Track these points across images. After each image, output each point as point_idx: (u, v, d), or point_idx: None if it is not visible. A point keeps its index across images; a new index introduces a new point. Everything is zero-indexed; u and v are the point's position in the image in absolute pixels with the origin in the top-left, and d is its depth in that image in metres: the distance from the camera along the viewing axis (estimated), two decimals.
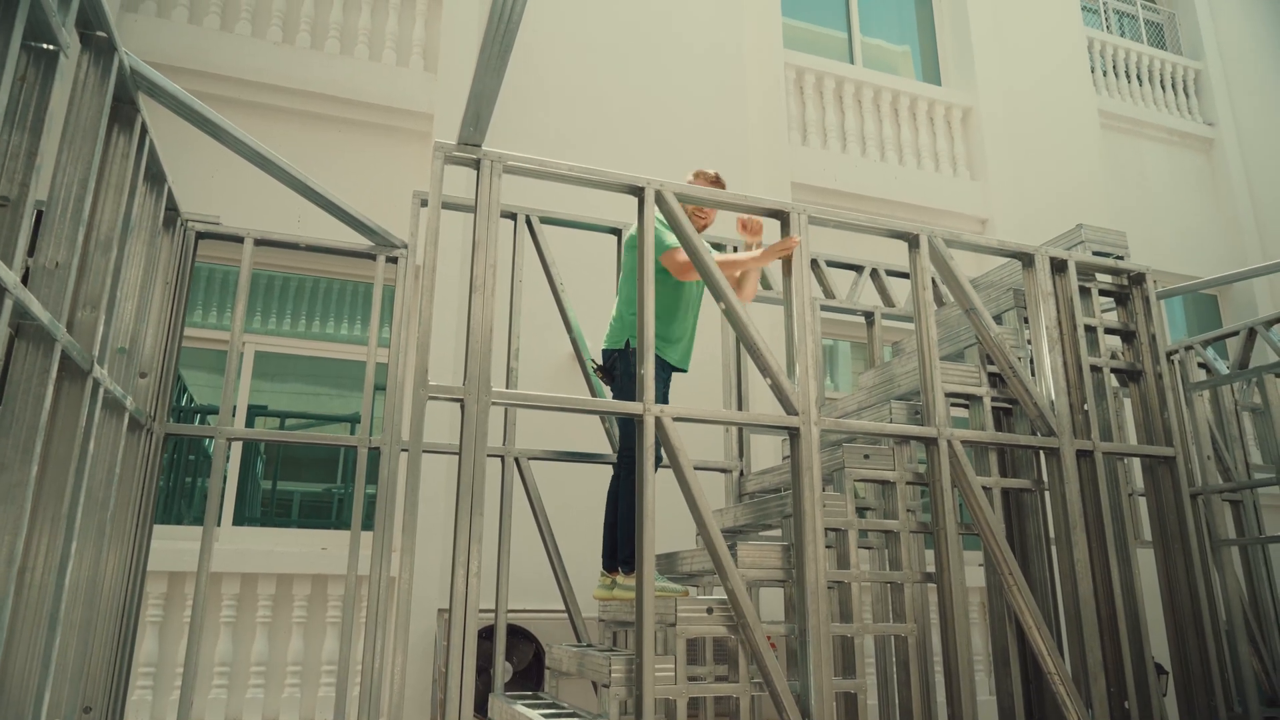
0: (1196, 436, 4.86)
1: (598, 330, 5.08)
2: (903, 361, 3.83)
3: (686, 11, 6.67)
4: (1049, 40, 8.24)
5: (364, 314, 5.60)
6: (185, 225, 3.72)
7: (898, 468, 3.32)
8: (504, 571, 3.73)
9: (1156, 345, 3.90)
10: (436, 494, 4.72)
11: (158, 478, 3.59)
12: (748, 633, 2.79)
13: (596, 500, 4.35)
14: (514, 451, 3.91)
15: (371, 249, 3.99)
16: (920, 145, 7.37)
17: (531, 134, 5.77)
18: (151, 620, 4.46)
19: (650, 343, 2.91)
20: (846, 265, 4.81)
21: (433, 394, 2.68)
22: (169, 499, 5.06)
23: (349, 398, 5.55)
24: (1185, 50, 9.42)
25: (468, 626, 2.56)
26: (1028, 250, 3.71)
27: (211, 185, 5.02)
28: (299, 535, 5.07)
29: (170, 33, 5.27)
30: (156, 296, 3.42)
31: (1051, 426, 3.49)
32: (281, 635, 4.70)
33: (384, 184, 5.49)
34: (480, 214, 2.85)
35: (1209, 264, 8.15)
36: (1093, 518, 3.51)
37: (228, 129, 3.12)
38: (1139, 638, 3.46)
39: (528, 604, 4.71)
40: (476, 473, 2.63)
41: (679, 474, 2.86)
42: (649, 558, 2.74)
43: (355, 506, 3.70)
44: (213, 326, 5.27)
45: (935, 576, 3.21)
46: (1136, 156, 8.54)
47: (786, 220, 3.28)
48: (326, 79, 5.52)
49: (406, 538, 2.61)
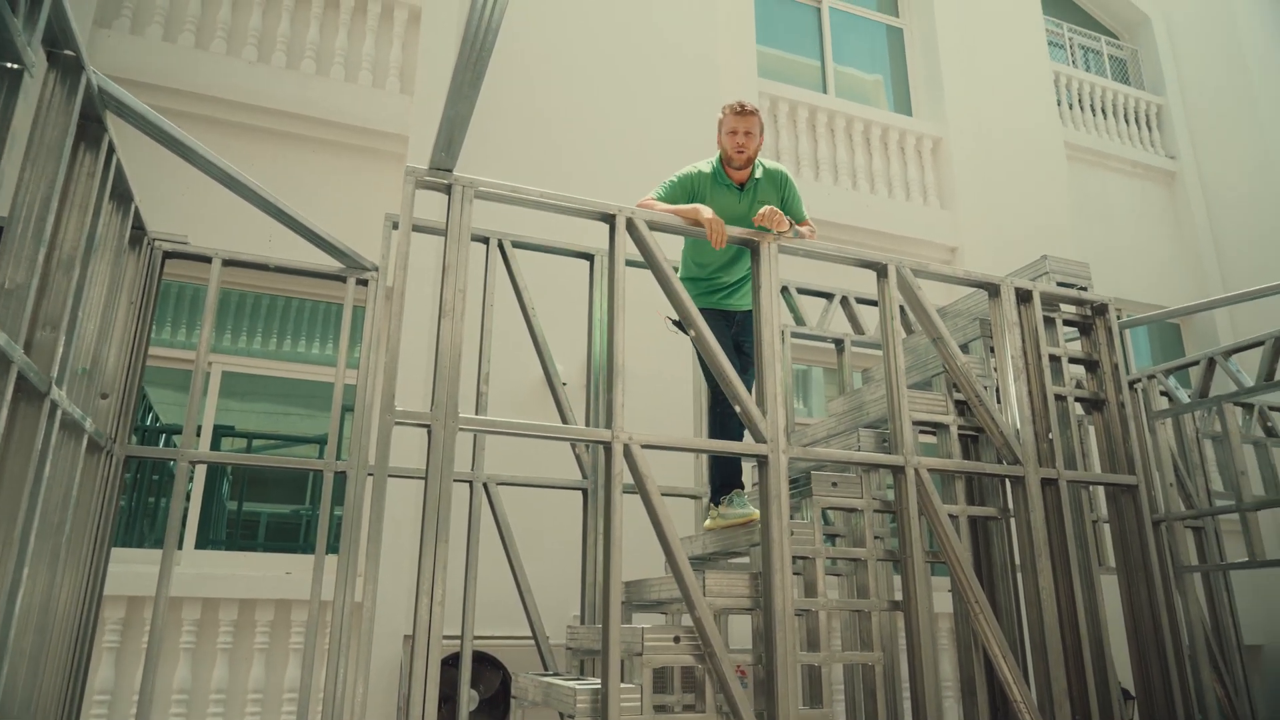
0: (1159, 464, 4.93)
1: (569, 354, 5.08)
2: (872, 389, 3.87)
3: (661, 39, 6.74)
4: (1016, 73, 8.42)
5: (334, 335, 5.55)
6: (152, 244, 3.68)
7: (865, 495, 3.34)
8: (470, 598, 3.70)
9: (1119, 375, 3.97)
10: (403, 519, 4.67)
11: (118, 500, 3.52)
12: (715, 661, 2.78)
13: (565, 525, 4.33)
14: (482, 477, 3.88)
15: (342, 271, 3.97)
16: (891, 174, 7.48)
17: (505, 159, 5.79)
18: (108, 646, 4.35)
19: (619, 368, 2.92)
20: (817, 293, 4.86)
21: (399, 419, 2.66)
22: (131, 521, 4.96)
23: (318, 419, 5.49)
24: (1148, 85, 9.67)
25: (431, 653, 2.52)
26: (993, 281, 3.77)
27: (181, 204, 4.97)
28: (263, 559, 4.99)
29: (144, 50, 5.23)
30: (120, 316, 3.37)
31: (1017, 455, 3.53)
32: (242, 662, 4.60)
33: (358, 205, 5.47)
34: (451, 239, 2.85)
35: (1172, 293, 8.32)
36: (1057, 545, 3.54)
37: (196, 148, 3.10)
38: (1104, 664, 3.49)
39: (494, 631, 4.66)
40: (443, 499, 2.61)
41: (646, 500, 2.86)
42: (615, 590, 2.72)
43: (320, 531, 3.65)
44: (181, 346, 5.20)
45: (903, 604, 3.22)
46: (1101, 188, 8.73)
47: (757, 249, 3.31)
48: (301, 99, 5.50)
49: (371, 563, 2.57)
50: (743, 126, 3.53)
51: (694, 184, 3.59)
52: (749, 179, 3.64)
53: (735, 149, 3.55)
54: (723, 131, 3.58)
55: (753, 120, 3.54)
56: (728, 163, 3.61)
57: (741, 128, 3.53)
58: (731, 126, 3.55)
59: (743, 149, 3.54)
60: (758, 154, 3.63)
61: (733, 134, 3.54)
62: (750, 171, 3.64)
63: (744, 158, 3.56)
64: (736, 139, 3.54)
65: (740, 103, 3.57)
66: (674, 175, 3.63)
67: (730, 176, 3.62)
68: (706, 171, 3.63)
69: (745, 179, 3.63)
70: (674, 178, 3.62)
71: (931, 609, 3.20)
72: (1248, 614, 6.56)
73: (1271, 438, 5.21)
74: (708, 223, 3.21)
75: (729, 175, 3.62)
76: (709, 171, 3.63)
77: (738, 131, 3.53)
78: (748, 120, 3.53)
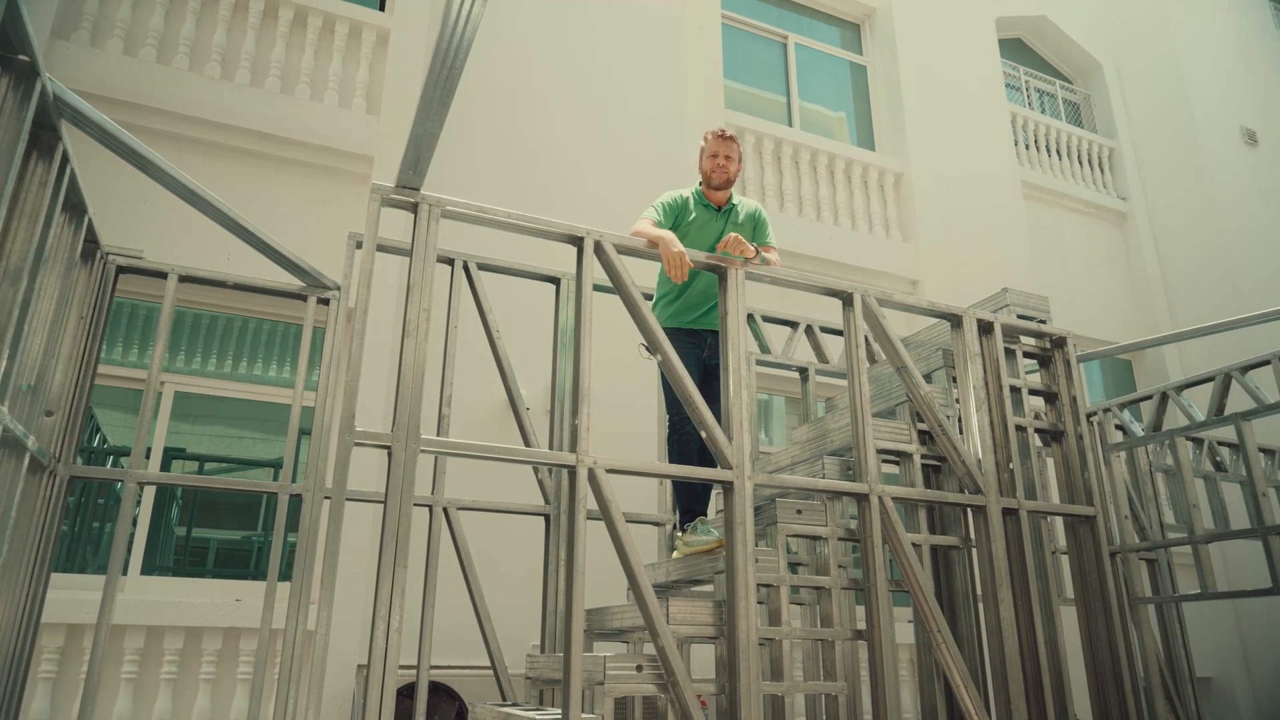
0: (1114, 496, 5.01)
1: (533, 379, 5.04)
2: (835, 417, 3.88)
3: (631, 68, 6.81)
4: (975, 113, 8.65)
5: (292, 357, 5.44)
6: (105, 258, 3.58)
7: (830, 523, 3.33)
8: (428, 626, 3.60)
9: (1078, 407, 4.03)
10: (360, 544, 4.56)
11: (60, 522, 3.38)
12: (677, 691, 2.74)
13: (526, 552, 4.25)
14: (442, 501, 3.81)
15: (303, 289, 3.89)
16: (855, 207, 7.60)
17: (471, 187, 5.76)
18: (44, 676, 4.16)
19: (585, 391, 2.89)
20: (782, 321, 4.88)
21: (359, 440, 2.60)
22: (73, 546, 4.77)
23: (273, 443, 5.36)
24: (1100, 129, 9.99)
25: (386, 683, 2.44)
26: (956, 311, 3.82)
27: (137, 219, 4.86)
28: (212, 585, 4.83)
29: (103, 63, 5.13)
30: (69, 331, 3.26)
31: (979, 484, 3.56)
32: (187, 693, 4.43)
33: (321, 226, 5.40)
34: (416, 257, 2.81)
35: (1122, 330, 8.53)
36: (1018, 575, 3.56)
37: (154, 160, 3.03)
38: (1062, 695, 3.50)
39: (451, 660, 4.55)
40: (402, 522, 2.55)
41: (611, 526, 2.82)
42: (578, 617, 2.67)
43: (273, 555, 3.54)
44: (134, 365, 5.05)
45: (866, 633, 3.21)
46: (1057, 226, 8.96)
47: (725, 276, 3.31)
48: (265, 117, 5.43)
49: (325, 589, 2.49)
50: (723, 150, 3.73)
51: (679, 206, 3.75)
52: (727, 202, 3.81)
53: (715, 169, 3.73)
54: (704, 155, 3.78)
55: (732, 145, 3.75)
56: (707, 184, 3.79)
57: (722, 151, 3.73)
58: (713, 150, 3.74)
59: (722, 169, 3.74)
60: (737, 177, 3.82)
61: (714, 156, 3.74)
62: (729, 196, 3.81)
63: (723, 178, 3.75)
64: (717, 160, 3.73)
65: (722, 129, 3.80)
66: (661, 199, 3.76)
67: (709, 198, 3.79)
68: (688, 194, 3.81)
69: (724, 201, 3.80)
70: (661, 202, 3.75)
71: (894, 638, 3.19)
72: (1198, 646, 6.67)
73: (1220, 472, 5.33)
74: (674, 255, 3.24)
75: (708, 197, 3.80)
76: (690, 194, 3.82)
77: (718, 154, 3.73)
78: (728, 145, 3.74)
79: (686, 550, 3.56)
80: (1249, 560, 7.51)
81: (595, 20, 6.85)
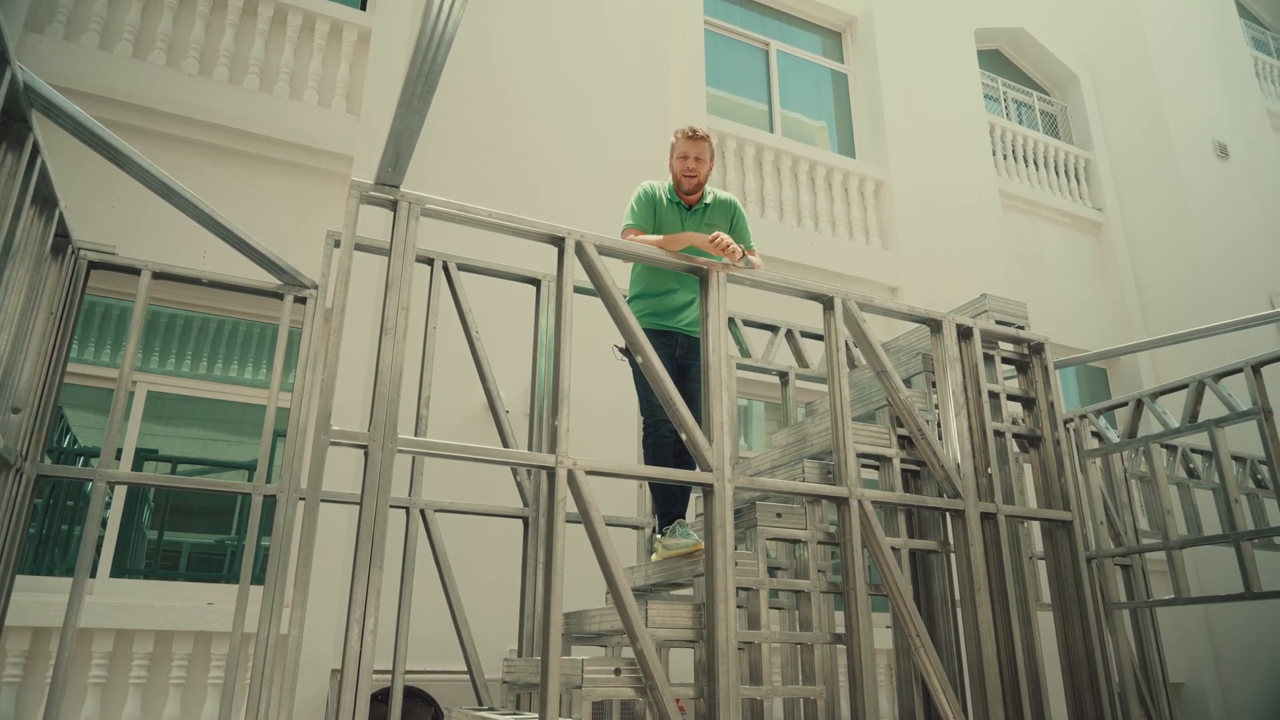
0: (1090, 502, 5.05)
1: (512, 381, 5.00)
2: (815, 421, 3.88)
3: (614, 71, 6.80)
4: (955, 123, 8.73)
5: (267, 358, 5.37)
6: (77, 253, 3.51)
7: (809, 527, 3.33)
8: (403, 630, 3.56)
9: (1055, 412, 4.06)
10: (334, 546, 4.50)
11: (26, 522, 3.30)
12: (656, 695, 2.71)
13: (504, 555, 4.22)
14: (419, 503, 3.77)
15: (279, 288, 3.84)
16: (835, 214, 7.64)
17: (451, 183, 5.73)
18: (8, 681, 4.07)
19: (565, 392, 2.87)
20: (763, 325, 4.88)
21: (335, 439, 2.56)
22: (41, 548, 4.67)
23: (247, 445, 5.28)
24: (1076, 140, 10.11)
25: (360, 688, 2.40)
26: (936, 317, 3.83)
27: (111, 214, 4.79)
28: (184, 589, 4.75)
29: (78, 57, 5.05)
30: (38, 327, 3.20)
31: (957, 488, 3.57)
32: (157, 697, 4.35)
33: (299, 224, 5.34)
34: (395, 255, 2.78)
35: (1097, 337, 8.63)
36: (996, 579, 3.57)
37: (129, 154, 2.98)
38: (1039, 699, 3.51)
39: (427, 664, 4.50)
40: (378, 524, 2.51)
41: (590, 528, 2.79)
42: (556, 620, 2.64)
43: (246, 557, 3.48)
44: (106, 364, 4.96)
45: (845, 637, 3.20)
46: (1034, 234, 9.06)
47: (707, 278, 3.30)
48: (243, 114, 5.37)
49: (299, 592, 2.45)
50: (693, 151, 3.55)
51: (652, 201, 3.63)
52: (699, 202, 3.68)
53: (685, 173, 3.59)
54: (674, 155, 3.61)
55: (703, 145, 3.57)
56: (677, 187, 3.65)
57: (692, 152, 3.55)
58: (683, 151, 3.57)
59: (693, 173, 3.58)
60: (707, 179, 3.66)
61: (683, 158, 3.57)
62: (700, 196, 3.67)
63: (693, 182, 3.60)
64: (687, 163, 3.57)
65: (692, 128, 3.59)
66: (635, 201, 3.65)
67: (681, 198, 3.67)
68: (660, 186, 3.68)
69: (695, 201, 3.67)
70: (636, 200, 3.64)
71: (873, 643, 3.18)
72: (1171, 651, 6.74)
73: (1193, 479, 5.39)
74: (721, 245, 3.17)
75: (680, 196, 3.67)
76: (663, 187, 3.68)
77: (688, 156, 3.56)
78: (698, 145, 3.56)
79: (666, 553, 3.53)
80: (1221, 566, 7.60)
81: (578, 23, 6.84)
